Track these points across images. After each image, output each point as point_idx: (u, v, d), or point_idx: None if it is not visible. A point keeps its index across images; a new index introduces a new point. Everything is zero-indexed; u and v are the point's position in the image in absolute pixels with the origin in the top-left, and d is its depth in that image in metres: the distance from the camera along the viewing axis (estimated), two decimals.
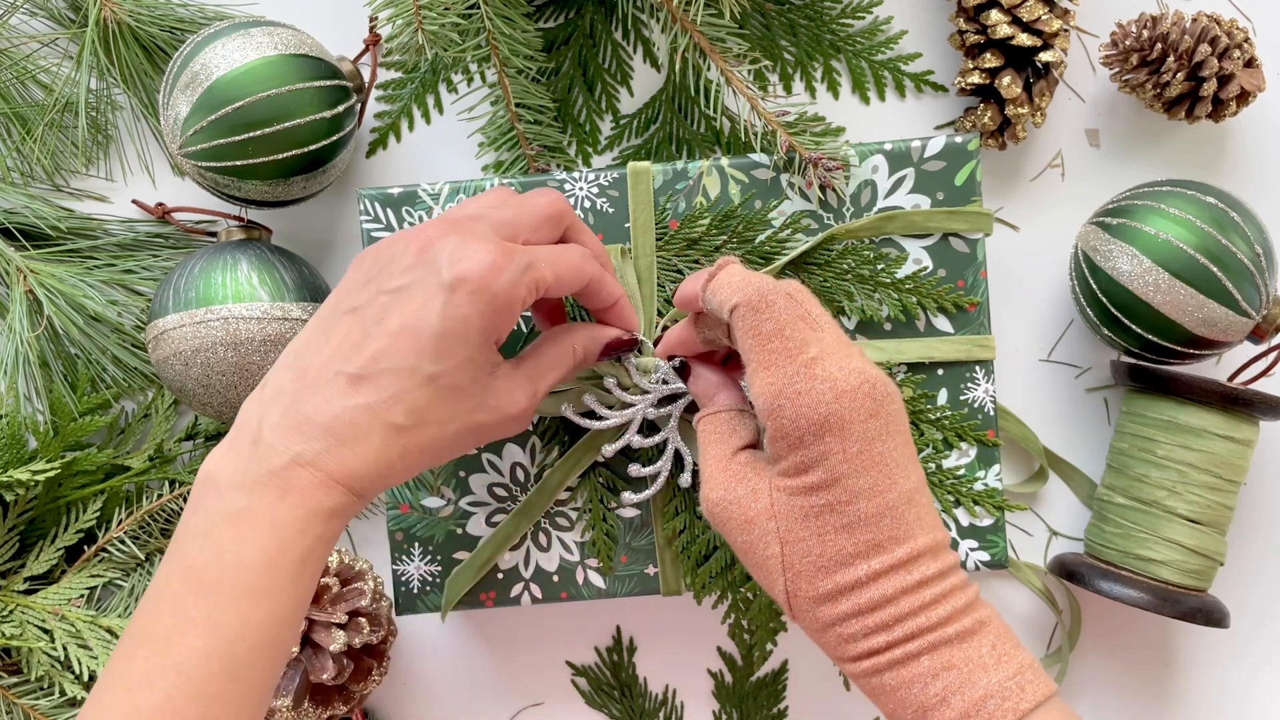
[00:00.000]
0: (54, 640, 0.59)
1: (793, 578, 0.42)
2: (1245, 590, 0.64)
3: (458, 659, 0.65)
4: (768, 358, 0.42)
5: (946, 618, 0.40)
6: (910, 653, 0.40)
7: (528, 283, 0.44)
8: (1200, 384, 0.57)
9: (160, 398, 0.64)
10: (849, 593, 0.41)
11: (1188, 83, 0.59)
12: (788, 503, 0.42)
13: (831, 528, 0.41)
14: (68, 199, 0.65)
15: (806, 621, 0.42)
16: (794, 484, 0.41)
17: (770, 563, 0.42)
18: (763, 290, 0.42)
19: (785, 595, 0.42)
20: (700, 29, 0.57)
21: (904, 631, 0.40)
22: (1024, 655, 0.40)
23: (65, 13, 0.64)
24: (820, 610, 0.41)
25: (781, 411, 0.41)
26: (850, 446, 0.40)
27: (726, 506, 0.44)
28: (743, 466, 0.44)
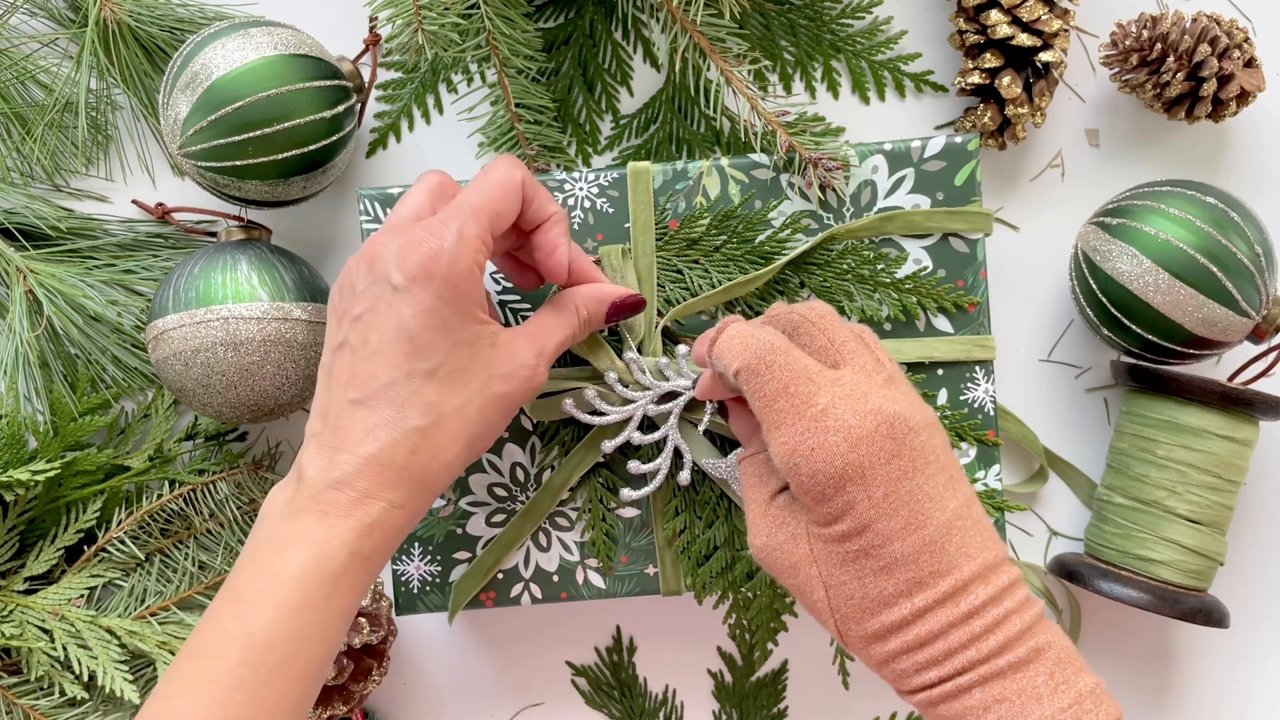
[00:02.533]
0: (54, 640, 0.59)
1: (841, 619, 0.42)
2: (1245, 590, 0.64)
3: (458, 659, 0.65)
4: (777, 417, 0.41)
5: (999, 648, 0.39)
6: (961, 686, 0.39)
7: (469, 246, 0.44)
8: (1200, 384, 0.57)
9: (160, 398, 0.64)
10: (896, 631, 0.40)
11: (1188, 83, 0.59)
12: (825, 549, 0.42)
13: (870, 571, 0.40)
14: (68, 199, 0.65)
15: (863, 659, 0.42)
16: (827, 533, 0.41)
17: (819, 606, 0.42)
18: (760, 352, 0.42)
19: (839, 635, 0.42)
20: (700, 29, 0.57)
21: (954, 666, 0.39)
22: (1084, 682, 0.39)
23: (65, 13, 0.64)
24: (872, 649, 0.41)
25: (798, 469, 0.41)
26: (874, 492, 0.40)
27: (770, 552, 0.44)
28: (781, 510, 0.44)
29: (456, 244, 0.44)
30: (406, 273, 0.44)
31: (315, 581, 0.42)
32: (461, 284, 0.44)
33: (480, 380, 0.45)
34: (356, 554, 0.43)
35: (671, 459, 0.55)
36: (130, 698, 0.57)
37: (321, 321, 0.57)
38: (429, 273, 0.44)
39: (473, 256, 0.44)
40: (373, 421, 0.44)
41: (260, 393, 0.56)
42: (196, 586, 0.61)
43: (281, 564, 0.42)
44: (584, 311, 0.50)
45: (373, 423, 0.44)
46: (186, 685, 0.41)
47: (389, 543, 0.45)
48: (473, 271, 0.44)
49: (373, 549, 0.44)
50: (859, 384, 0.41)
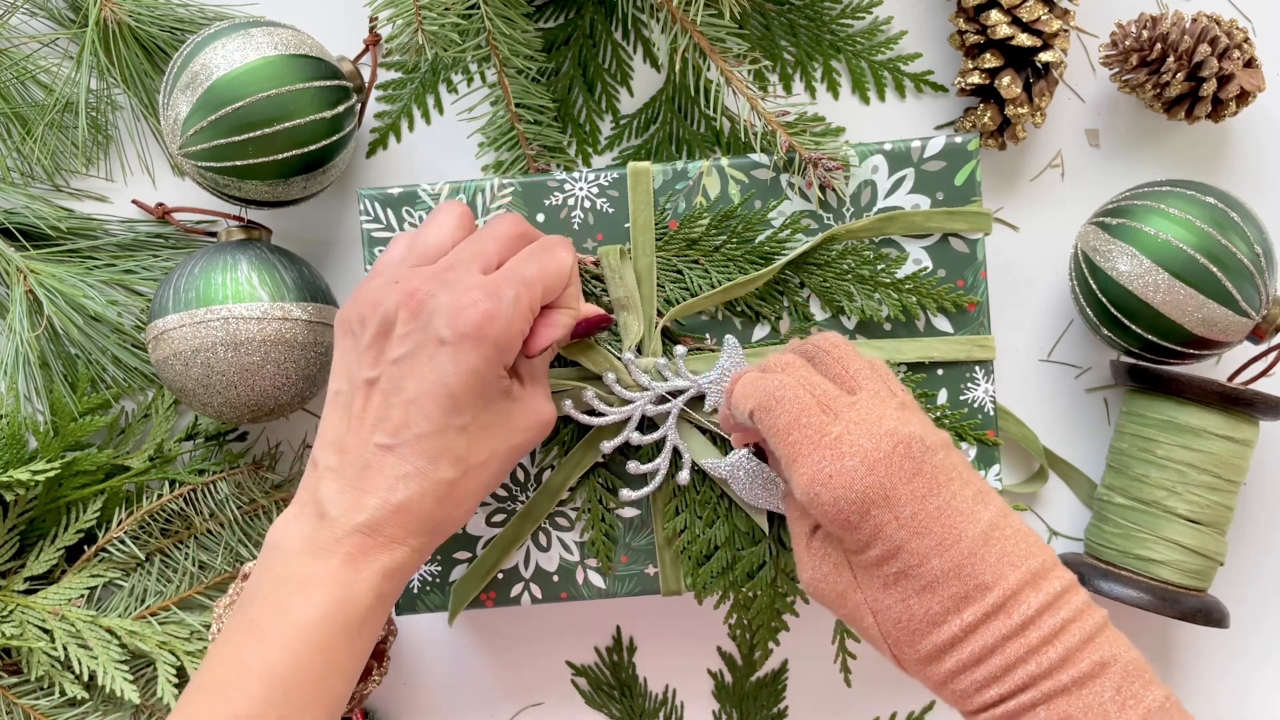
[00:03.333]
0: (54, 640, 0.59)
1: (893, 644, 0.42)
2: (1245, 590, 0.64)
3: (458, 659, 0.65)
4: (792, 450, 0.42)
5: (1059, 661, 0.38)
6: (1024, 704, 0.38)
7: (522, 314, 0.46)
8: (1200, 384, 0.57)
9: (160, 398, 0.64)
10: (949, 650, 0.40)
11: (1187, 83, 0.59)
12: (866, 576, 0.42)
13: (912, 592, 0.40)
14: (68, 199, 0.65)
15: (924, 682, 0.42)
16: (862, 559, 0.42)
17: (870, 633, 0.42)
18: (768, 389, 0.44)
19: (896, 661, 0.42)
20: (700, 29, 0.57)
21: (1015, 683, 0.38)
22: (1153, 695, 0.39)
23: (65, 13, 0.64)
24: (929, 671, 0.41)
25: (819, 499, 0.41)
26: (901, 512, 0.40)
27: (817, 584, 0.44)
28: (822, 543, 0.44)
29: (513, 310, 0.45)
30: (458, 329, 0.44)
31: (340, 623, 0.43)
32: (508, 350, 0.45)
33: (503, 434, 0.47)
34: (381, 596, 0.44)
35: (670, 459, 0.55)
36: (130, 698, 0.57)
37: (322, 321, 0.57)
38: (482, 334, 0.44)
39: (522, 325, 0.46)
40: (404, 470, 0.44)
41: (260, 393, 0.56)
42: (197, 586, 0.61)
43: (305, 604, 0.43)
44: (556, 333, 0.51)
45: (404, 471, 0.44)
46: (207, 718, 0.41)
47: (405, 582, 0.46)
48: (519, 340, 0.46)
49: (392, 590, 0.45)
50: (873, 409, 0.42)
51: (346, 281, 0.65)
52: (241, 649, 0.43)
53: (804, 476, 0.41)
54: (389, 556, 0.44)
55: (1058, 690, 0.38)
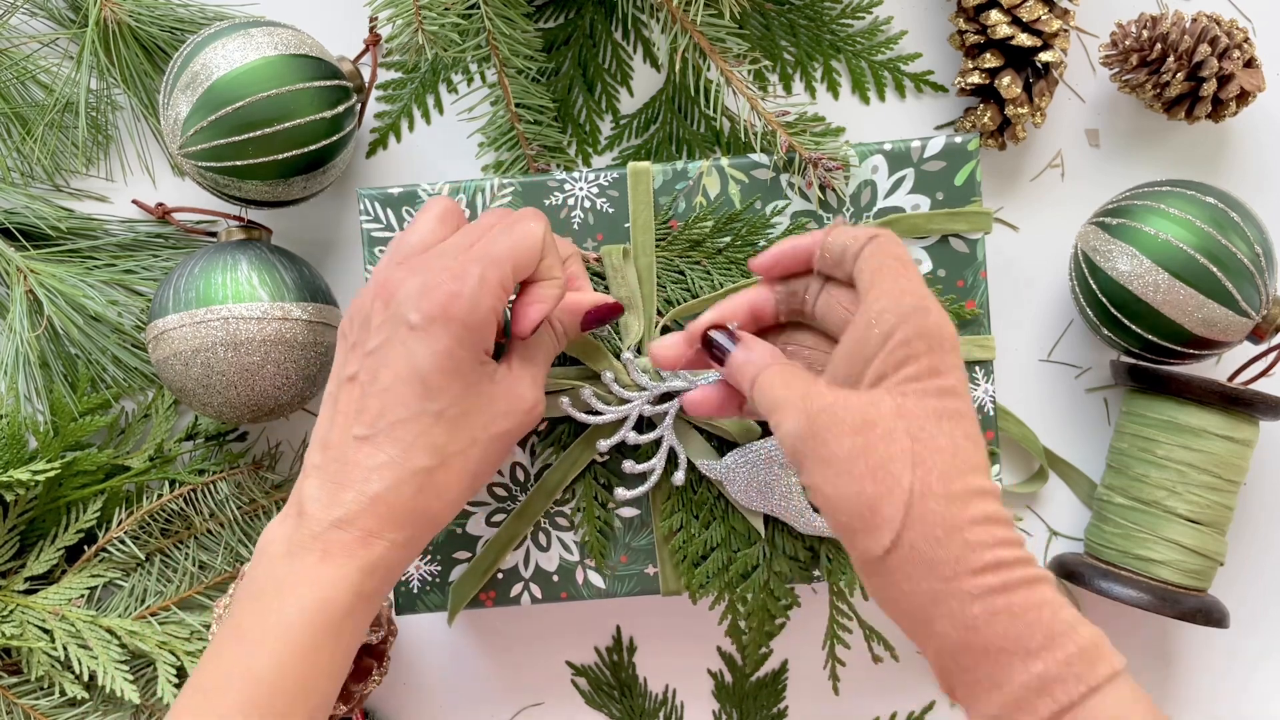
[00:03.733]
0: (54, 640, 0.59)
1: (924, 473, 0.39)
2: (1245, 590, 0.64)
3: (458, 659, 0.65)
4: (911, 274, 0.42)
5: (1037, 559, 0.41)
6: (1035, 576, 0.39)
7: (490, 291, 0.44)
8: (1200, 384, 0.57)
9: (160, 398, 0.64)
10: (979, 498, 0.39)
11: (1187, 83, 0.59)
12: (919, 403, 0.40)
13: (961, 434, 0.40)
14: (68, 199, 0.65)
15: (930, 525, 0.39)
16: (927, 385, 0.40)
17: (896, 460, 0.39)
18: (897, 237, 0.44)
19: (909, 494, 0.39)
20: (700, 29, 0.57)
21: (1021, 554, 0.39)
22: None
23: (65, 13, 0.64)
24: (951, 510, 0.39)
25: (929, 312, 0.41)
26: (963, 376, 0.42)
27: (837, 410, 0.41)
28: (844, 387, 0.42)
29: (478, 287, 0.44)
30: (424, 312, 0.44)
31: (321, 624, 0.42)
32: (478, 329, 0.44)
33: (484, 420, 0.46)
34: (360, 594, 0.43)
35: (667, 459, 0.55)
36: (130, 698, 0.57)
37: (322, 321, 0.57)
38: (448, 314, 0.44)
39: (491, 305, 0.44)
40: (378, 460, 0.44)
41: (260, 393, 0.56)
42: (197, 586, 0.61)
43: (285, 605, 0.42)
44: (559, 326, 0.50)
45: (378, 461, 0.44)
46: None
47: (390, 579, 0.45)
48: (490, 318, 0.45)
49: (375, 587, 0.44)
50: None
51: (346, 281, 0.65)
52: (227, 654, 0.42)
53: (920, 290, 0.42)
54: (366, 552, 0.43)
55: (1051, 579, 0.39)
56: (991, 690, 0.38)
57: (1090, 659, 0.37)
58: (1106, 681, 0.37)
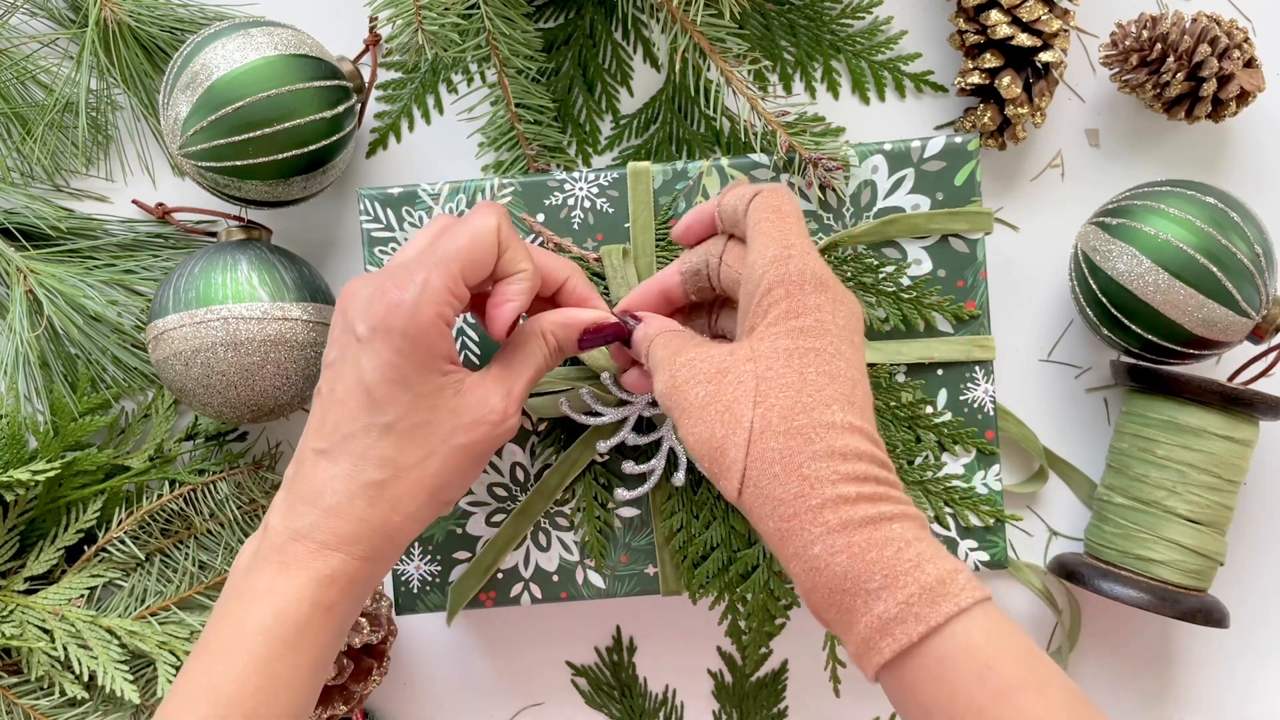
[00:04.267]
0: (54, 640, 0.59)
1: (764, 411, 0.40)
2: (1245, 590, 0.64)
3: (458, 659, 0.65)
4: (784, 225, 0.44)
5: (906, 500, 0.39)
6: (884, 514, 0.38)
7: (434, 297, 0.43)
8: (1200, 384, 0.57)
9: (160, 398, 0.64)
10: (825, 431, 0.39)
11: (1187, 83, 0.59)
12: (771, 344, 0.41)
13: (814, 370, 0.40)
14: (68, 199, 0.65)
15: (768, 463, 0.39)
16: (782, 327, 0.41)
17: (740, 401, 0.40)
18: (783, 187, 0.47)
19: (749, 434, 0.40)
20: (700, 29, 0.57)
21: (873, 491, 0.38)
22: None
23: (65, 13, 0.64)
24: (791, 444, 0.39)
25: (789, 260, 0.42)
26: (838, 316, 0.42)
27: (695, 363, 0.43)
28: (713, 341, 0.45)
29: (419, 295, 0.43)
30: (369, 323, 0.43)
31: (278, 635, 0.42)
32: (422, 338, 0.43)
33: (443, 432, 0.44)
34: (318, 605, 0.43)
35: (666, 460, 0.55)
36: (130, 698, 0.57)
37: (321, 322, 0.57)
38: (388, 325, 0.43)
39: (436, 309, 0.43)
40: (332, 473, 0.44)
41: (260, 393, 0.56)
42: (196, 586, 0.61)
43: (243, 617, 0.42)
44: (552, 340, 0.48)
45: (332, 473, 0.44)
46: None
47: (354, 592, 0.44)
48: (435, 324, 0.43)
49: (335, 599, 0.43)
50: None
51: (346, 281, 0.64)
52: (191, 669, 0.42)
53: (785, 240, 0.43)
54: (322, 563, 0.43)
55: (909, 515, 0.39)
56: (845, 631, 0.38)
57: (932, 598, 0.36)
58: (950, 619, 0.36)
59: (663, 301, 0.50)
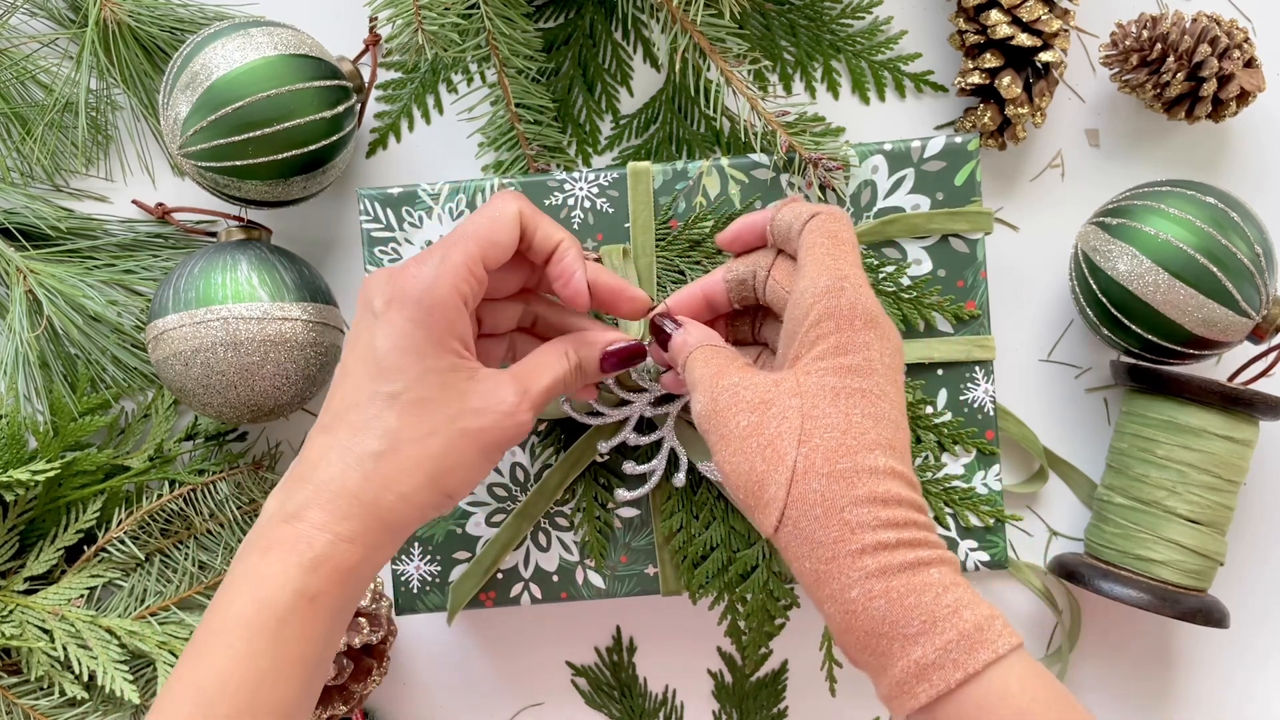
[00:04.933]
0: (54, 640, 0.59)
1: (809, 451, 0.40)
2: (1245, 590, 0.64)
3: (458, 659, 0.65)
4: (838, 252, 0.43)
5: (943, 544, 0.40)
6: (923, 559, 0.38)
7: (452, 272, 0.43)
8: (1200, 384, 0.57)
9: (160, 398, 0.64)
10: (868, 476, 0.39)
11: (1188, 83, 0.59)
12: (819, 381, 0.41)
13: (860, 412, 0.40)
14: (68, 199, 0.65)
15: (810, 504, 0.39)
16: (830, 364, 0.41)
17: (784, 438, 0.40)
18: (843, 211, 0.46)
19: (791, 473, 0.40)
20: (700, 29, 0.57)
21: (913, 536, 0.39)
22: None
23: (65, 13, 0.64)
24: (833, 488, 0.39)
25: (842, 292, 0.42)
26: (886, 354, 0.42)
27: (739, 389, 0.42)
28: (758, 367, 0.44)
29: (438, 267, 0.43)
30: (385, 296, 0.43)
31: (258, 626, 0.40)
32: (436, 308, 0.43)
33: (449, 412, 0.43)
34: (301, 594, 0.40)
35: (668, 460, 0.55)
36: (130, 698, 0.57)
37: (321, 321, 0.57)
38: (404, 293, 0.43)
39: (453, 283, 0.43)
40: (329, 445, 0.42)
41: (260, 393, 0.56)
42: (196, 586, 0.61)
43: (228, 608, 0.40)
44: (574, 356, 0.47)
45: (328, 446, 0.42)
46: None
47: (343, 581, 0.41)
48: (452, 298, 0.43)
49: (321, 588, 0.41)
50: None
51: (346, 281, 0.65)
52: (181, 664, 0.41)
53: (838, 270, 0.43)
54: (307, 546, 0.41)
55: (946, 560, 0.39)
56: (878, 673, 0.39)
57: (970, 645, 0.37)
58: (988, 667, 0.37)
59: (705, 306, 0.49)
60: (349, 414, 0.43)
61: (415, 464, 0.43)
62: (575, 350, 0.48)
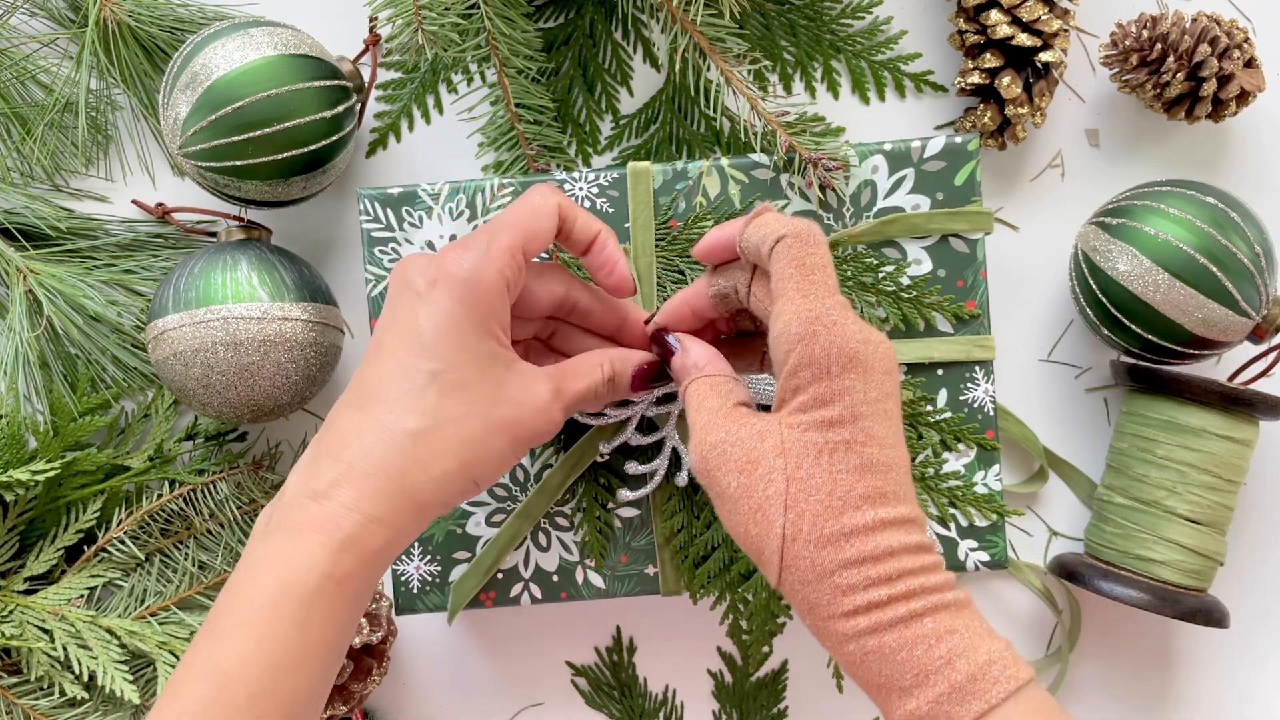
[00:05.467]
0: (54, 640, 0.59)
1: (795, 517, 0.40)
2: (1245, 590, 0.64)
3: (458, 659, 0.65)
4: (809, 286, 0.41)
5: (943, 584, 0.39)
6: (915, 611, 0.38)
7: (497, 256, 0.43)
8: (1200, 384, 0.57)
9: (160, 398, 0.64)
10: (855, 537, 0.39)
11: (1187, 83, 0.59)
12: (801, 438, 0.40)
13: (844, 467, 0.40)
14: (68, 199, 0.65)
15: (800, 571, 0.40)
16: (811, 418, 0.40)
17: (771, 503, 0.40)
18: (812, 226, 0.43)
19: (781, 540, 0.40)
20: (700, 29, 0.57)
21: (906, 588, 0.39)
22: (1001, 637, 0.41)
23: (65, 13, 0.64)
24: (821, 555, 0.39)
25: (816, 338, 0.40)
26: (870, 391, 0.40)
27: (725, 448, 0.42)
28: (745, 414, 0.43)
29: (484, 252, 0.43)
30: (429, 277, 0.43)
31: (283, 609, 0.39)
32: (481, 290, 0.43)
33: (487, 398, 0.43)
34: (329, 576, 0.39)
35: (670, 460, 0.55)
36: (130, 698, 0.57)
37: (321, 321, 0.57)
38: (450, 274, 0.43)
39: (498, 268, 0.43)
40: (362, 422, 0.41)
41: (260, 393, 0.56)
42: (196, 586, 0.61)
43: (251, 589, 0.39)
44: (609, 368, 0.47)
45: (361, 423, 0.41)
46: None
47: (370, 564, 0.41)
48: (496, 282, 0.43)
49: (349, 571, 0.40)
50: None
51: (346, 281, 0.65)
52: (196, 646, 0.40)
53: (809, 311, 0.41)
54: (335, 527, 0.40)
55: (943, 605, 0.39)
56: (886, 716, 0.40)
57: (962, 697, 0.37)
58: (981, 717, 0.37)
59: (695, 319, 0.49)
60: (385, 390, 0.42)
61: (451, 446, 0.42)
62: (613, 363, 0.48)
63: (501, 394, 0.43)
